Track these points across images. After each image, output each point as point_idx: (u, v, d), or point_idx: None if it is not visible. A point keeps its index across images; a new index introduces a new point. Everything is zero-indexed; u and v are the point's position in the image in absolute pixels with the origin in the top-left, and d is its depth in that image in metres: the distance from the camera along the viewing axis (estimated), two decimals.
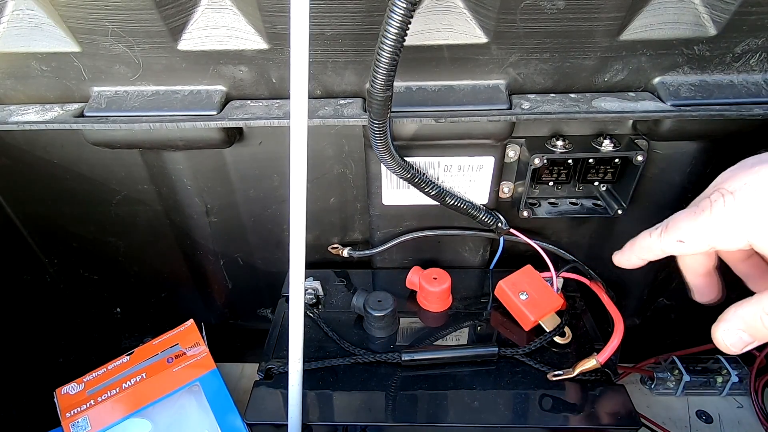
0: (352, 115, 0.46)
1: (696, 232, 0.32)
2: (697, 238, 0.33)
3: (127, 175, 0.58)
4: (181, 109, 0.48)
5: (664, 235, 0.35)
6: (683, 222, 0.33)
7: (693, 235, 0.33)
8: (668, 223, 0.35)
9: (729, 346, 0.33)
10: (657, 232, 0.35)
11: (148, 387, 0.59)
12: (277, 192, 0.59)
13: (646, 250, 0.37)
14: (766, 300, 0.31)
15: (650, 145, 0.52)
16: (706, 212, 0.32)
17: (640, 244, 0.37)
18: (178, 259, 0.68)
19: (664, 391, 0.68)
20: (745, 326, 0.32)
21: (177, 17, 0.43)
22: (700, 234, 0.32)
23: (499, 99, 0.46)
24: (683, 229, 0.33)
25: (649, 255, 0.37)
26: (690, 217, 0.33)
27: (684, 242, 0.33)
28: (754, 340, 0.32)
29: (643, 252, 0.37)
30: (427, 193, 0.52)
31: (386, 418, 0.47)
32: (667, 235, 0.34)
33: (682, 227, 0.33)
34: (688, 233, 0.33)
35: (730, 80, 0.46)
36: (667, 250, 0.35)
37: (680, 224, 0.33)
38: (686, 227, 0.33)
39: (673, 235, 0.34)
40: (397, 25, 0.34)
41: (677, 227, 0.34)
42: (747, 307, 0.31)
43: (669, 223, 0.35)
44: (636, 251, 0.38)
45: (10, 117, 0.48)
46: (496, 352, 0.51)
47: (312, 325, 0.56)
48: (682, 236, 0.33)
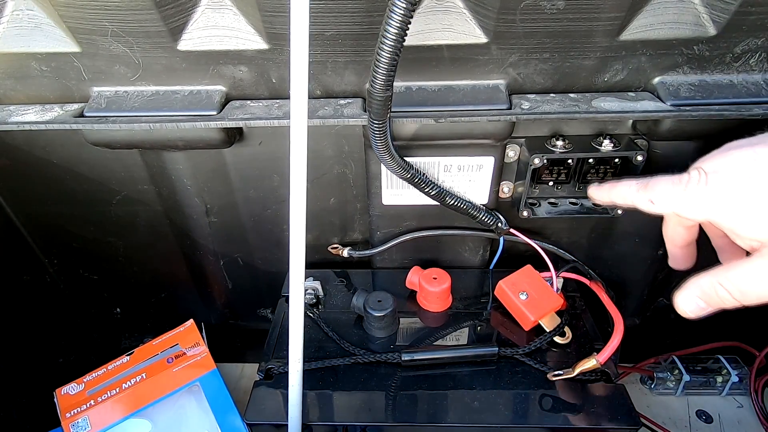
0: (351, 115, 0.46)
1: (667, 198, 0.36)
2: (665, 202, 0.37)
3: (127, 176, 0.58)
4: (181, 110, 0.48)
5: (641, 191, 0.38)
6: (660, 185, 0.37)
7: (663, 199, 0.37)
8: (649, 183, 0.38)
9: (686, 310, 0.37)
10: (636, 186, 0.39)
11: (148, 387, 0.59)
12: (277, 192, 0.59)
13: (621, 197, 0.41)
14: (721, 272, 0.35)
15: (650, 145, 0.52)
16: (682, 184, 0.36)
17: (619, 189, 0.41)
18: (178, 259, 0.68)
19: (664, 391, 0.68)
20: (702, 294, 0.36)
21: (177, 17, 0.43)
22: (669, 200, 0.36)
23: (499, 99, 0.46)
24: (658, 192, 0.37)
25: (620, 201, 0.41)
26: (667, 185, 0.37)
27: (654, 203, 0.37)
28: (708, 307, 0.36)
29: (617, 197, 0.41)
30: (427, 193, 0.52)
31: (386, 418, 0.47)
32: (645, 192, 0.38)
33: (657, 190, 0.37)
34: (661, 196, 0.37)
35: (730, 80, 0.46)
36: (637, 204, 0.39)
37: (657, 187, 0.37)
38: (661, 191, 0.37)
39: (649, 194, 0.38)
40: (396, 25, 0.34)
41: (654, 189, 0.37)
42: (705, 278, 0.36)
43: (650, 182, 0.38)
44: (613, 193, 0.42)
45: (10, 117, 0.48)
46: (496, 352, 0.51)
47: (312, 325, 0.56)
48: (654, 197, 0.37)
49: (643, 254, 0.63)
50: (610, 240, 0.62)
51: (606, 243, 0.63)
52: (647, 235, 0.60)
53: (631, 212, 0.54)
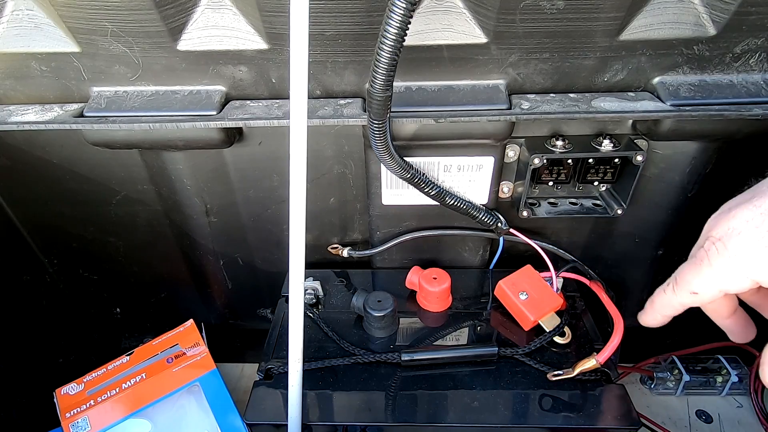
0: (351, 115, 0.46)
1: (704, 282, 0.34)
2: (706, 287, 0.34)
3: (127, 176, 0.58)
4: (181, 110, 0.48)
5: (677, 290, 0.36)
6: (688, 275, 0.35)
7: (703, 286, 0.34)
8: (676, 278, 0.36)
9: None
10: (669, 288, 0.37)
11: (148, 387, 0.59)
12: (277, 192, 0.59)
13: (668, 307, 0.38)
14: None
15: (650, 145, 0.52)
16: (705, 262, 0.34)
17: (659, 302, 0.39)
18: (178, 260, 0.68)
19: (664, 390, 0.68)
20: None
21: (176, 17, 0.43)
22: (708, 283, 0.34)
23: (499, 99, 0.46)
24: (691, 282, 0.35)
25: (671, 311, 0.38)
26: (693, 269, 0.35)
27: (698, 293, 0.35)
28: None
29: (665, 309, 0.39)
30: (426, 193, 0.52)
31: (386, 418, 0.47)
32: (680, 289, 0.36)
33: (689, 280, 0.35)
34: (698, 285, 0.35)
35: (730, 80, 0.46)
36: (685, 303, 0.36)
37: (686, 277, 0.35)
38: (693, 279, 0.35)
39: (685, 288, 0.35)
40: (396, 25, 0.34)
41: (685, 281, 0.35)
42: None
43: (677, 277, 0.36)
44: (658, 310, 0.39)
45: (10, 117, 0.48)
46: (495, 352, 0.51)
47: (312, 325, 0.56)
48: (693, 288, 0.35)
49: (643, 254, 0.63)
50: (610, 240, 0.62)
51: (606, 243, 0.63)
52: (647, 235, 0.61)
53: (630, 212, 0.55)
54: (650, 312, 0.40)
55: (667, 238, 0.60)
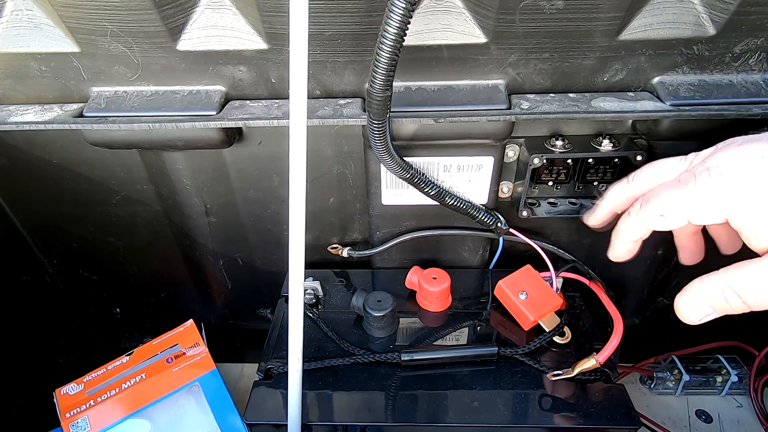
0: (351, 115, 0.46)
1: (677, 205, 0.32)
2: (678, 210, 0.33)
3: (127, 176, 0.58)
4: (181, 110, 0.48)
5: (644, 207, 0.34)
6: (664, 194, 0.33)
7: (674, 208, 0.33)
8: (648, 196, 0.34)
9: (689, 316, 0.33)
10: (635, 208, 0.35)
11: (148, 387, 0.59)
12: (277, 192, 0.59)
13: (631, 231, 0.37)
14: (732, 274, 0.31)
15: (649, 144, 0.52)
16: (689, 185, 0.32)
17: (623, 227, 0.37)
18: (178, 260, 0.68)
19: (664, 390, 0.68)
20: (708, 298, 0.32)
21: (176, 17, 0.43)
22: (681, 206, 0.32)
23: (499, 99, 0.46)
24: (664, 202, 0.33)
25: (636, 235, 0.37)
26: (672, 190, 0.33)
27: (665, 216, 0.33)
28: (713, 312, 0.32)
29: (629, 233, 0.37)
30: (426, 193, 0.52)
31: (386, 418, 0.47)
32: (648, 208, 0.34)
33: (662, 200, 0.33)
34: (670, 206, 0.33)
35: (729, 80, 0.46)
36: (647, 224, 0.35)
37: (660, 196, 0.33)
38: (667, 199, 0.33)
39: (654, 208, 0.34)
40: (396, 25, 0.34)
41: (658, 200, 0.33)
42: (711, 279, 0.32)
43: (649, 196, 0.34)
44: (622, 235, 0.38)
45: (10, 117, 0.48)
46: (495, 352, 0.51)
47: (312, 325, 0.56)
48: (663, 209, 0.33)
49: (643, 254, 0.62)
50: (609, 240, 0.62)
51: (606, 243, 0.62)
52: None
53: None
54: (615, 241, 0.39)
55: (666, 237, 0.60)
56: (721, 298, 0.31)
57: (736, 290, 0.30)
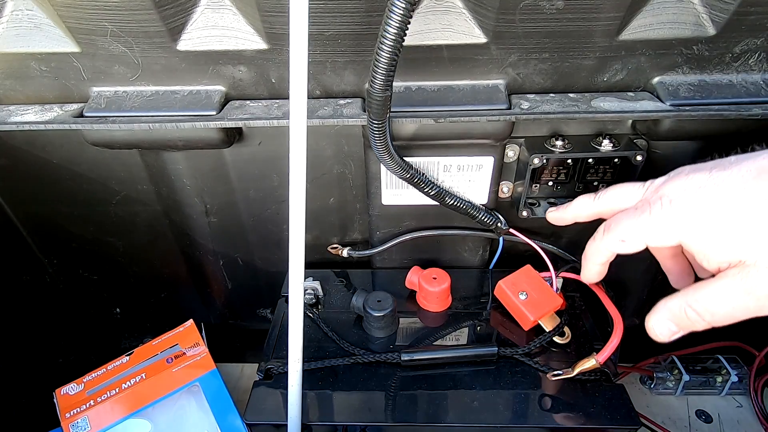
0: (351, 115, 0.46)
1: (635, 232, 0.36)
2: (636, 236, 0.36)
3: (127, 175, 0.58)
4: (181, 110, 0.48)
5: (606, 234, 0.38)
6: (624, 221, 0.37)
7: (633, 234, 0.36)
8: (610, 224, 0.38)
9: (658, 334, 0.36)
10: (599, 234, 0.39)
11: (148, 387, 0.59)
12: (277, 192, 0.59)
13: (597, 254, 0.40)
14: (690, 294, 0.34)
15: (649, 144, 0.52)
16: (645, 213, 0.35)
17: (590, 250, 0.41)
18: (178, 259, 0.68)
19: (664, 390, 0.68)
20: (672, 317, 0.35)
21: (176, 17, 0.43)
22: (638, 233, 0.36)
23: (499, 99, 0.46)
24: (624, 229, 0.37)
25: (601, 258, 0.40)
26: (630, 218, 0.36)
27: (625, 241, 0.37)
28: (679, 330, 0.35)
29: (595, 257, 0.41)
30: (426, 193, 0.52)
31: (386, 418, 0.47)
32: (610, 234, 0.38)
33: (623, 227, 0.37)
34: (629, 233, 0.36)
35: (729, 80, 0.46)
36: (611, 248, 0.38)
37: (621, 224, 0.37)
38: (627, 227, 0.36)
39: (615, 235, 0.37)
40: (396, 25, 0.34)
41: (619, 227, 0.37)
42: (674, 300, 0.35)
43: (611, 223, 0.38)
44: (590, 258, 0.41)
45: (10, 117, 0.48)
46: (495, 352, 0.51)
47: (312, 325, 0.56)
48: (623, 236, 0.37)
49: (643, 255, 0.62)
50: None
51: None
52: None
53: None
54: (585, 264, 0.42)
55: None
56: (683, 317, 0.34)
57: (696, 309, 0.33)
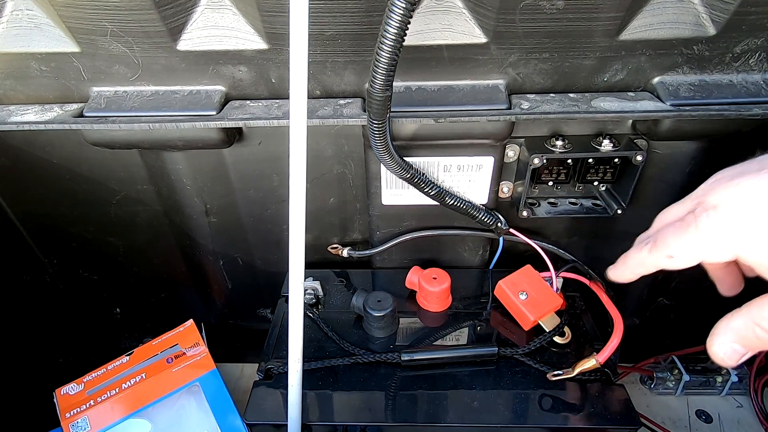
0: (351, 115, 0.46)
1: (684, 248, 0.33)
2: (685, 253, 0.33)
3: (127, 175, 0.58)
4: (181, 110, 0.48)
5: (653, 251, 0.35)
6: (670, 238, 0.33)
7: (681, 251, 0.33)
8: (657, 239, 0.35)
9: (725, 359, 0.33)
10: (647, 248, 0.36)
11: (148, 387, 0.59)
12: (277, 192, 0.59)
13: (639, 266, 0.37)
14: (754, 311, 0.31)
15: (650, 144, 0.52)
16: (692, 227, 0.32)
17: (632, 259, 0.38)
18: (178, 259, 0.68)
19: (664, 390, 0.68)
20: (738, 338, 0.32)
21: (176, 17, 0.43)
22: (688, 249, 0.32)
23: (499, 99, 0.46)
24: (671, 246, 0.33)
25: (641, 270, 0.37)
26: (677, 233, 0.33)
27: (674, 257, 0.33)
28: (747, 351, 0.32)
29: (636, 267, 0.38)
30: (426, 193, 0.52)
31: (386, 418, 0.47)
32: (657, 251, 0.34)
33: (669, 243, 0.33)
34: (677, 249, 0.33)
35: (730, 80, 0.46)
36: (658, 265, 0.35)
37: (668, 240, 0.34)
38: (674, 243, 0.33)
39: (662, 251, 0.34)
40: (396, 25, 0.34)
41: (665, 243, 0.34)
42: (738, 319, 0.31)
43: (657, 238, 0.35)
44: (629, 267, 0.38)
45: (10, 117, 0.48)
46: (495, 352, 0.51)
47: (312, 325, 0.56)
48: (671, 252, 0.33)
49: None
50: (610, 240, 0.62)
51: (606, 243, 0.62)
52: None
53: (630, 212, 0.55)
54: (621, 267, 0.39)
55: None
56: (752, 337, 0.31)
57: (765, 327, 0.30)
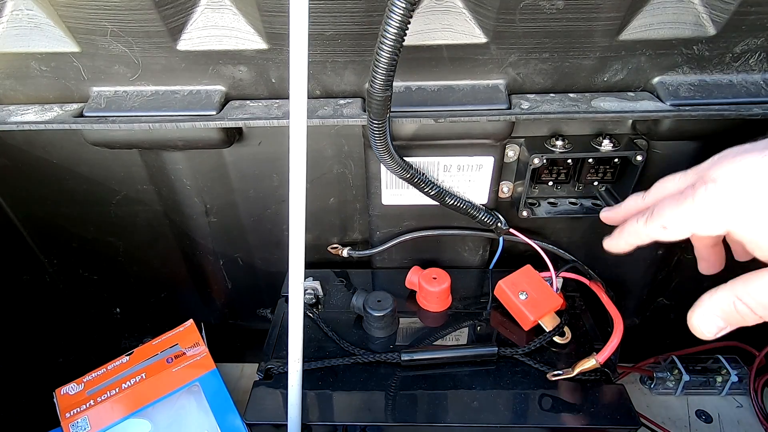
0: (351, 115, 0.46)
1: (679, 219, 0.33)
2: (679, 224, 0.33)
3: (127, 175, 0.58)
4: (181, 109, 0.48)
5: (649, 221, 0.35)
6: (667, 209, 0.34)
7: (676, 222, 0.33)
8: (653, 210, 0.35)
9: (704, 332, 0.33)
10: (643, 219, 0.36)
11: (148, 387, 0.59)
12: (277, 192, 0.59)
13: (634, 236, 0.38)
14: (738, 286, 0.31)
15: (649, 144, 0.52)
16: (689, 199, 0.32)
17: (628, 229, 0.38)
18: (178, 259, 0.68)
19: (664, 390, 0.68)
20: (720, 312, 0.32)
21: (176, 17, 0.43)
22: (682, 220, 0.33)
23: (499, 99, 0.46)
24: (667, 216, 0.34)
25: (636, 240, 0.38)
26: (674, 204, 0.33)
27: (667, 228, 0.34)
28: (727, 326, 0.32)
29: (630, 237, 0.38)
30: (426, 193, 0.52)
31: (386, 418, 0.47)
32: (652, 221, 0.35)
33: (665, 214, 0.34)
34: (672, 220, 0.34)
35: (730, 80, 0.46)
36: (652, 235, 0.36)
37: (664, 211, 0.34)
38: (670, 214, 0.34)
39: (658, 221, 0.35)
40: (396, 25, 0.34)
41: (661, 214, 0.34)
42: (721, 293, 0.32)
43: (654, 209, 0.35)
44: (624, 237, 0.39)
45: (10, 117, 0.48)
46: (495, 352, 0.51)
47: (312, 325, 0.56)
48: (665, 222, 0.34)
49: (643, 254, 0.63)
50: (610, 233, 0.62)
51: None
52: None
53: None
54: (617, 237, 0.40)
55: None
56: (732, 311, 0.31)
57: (746, 302, 0.30)
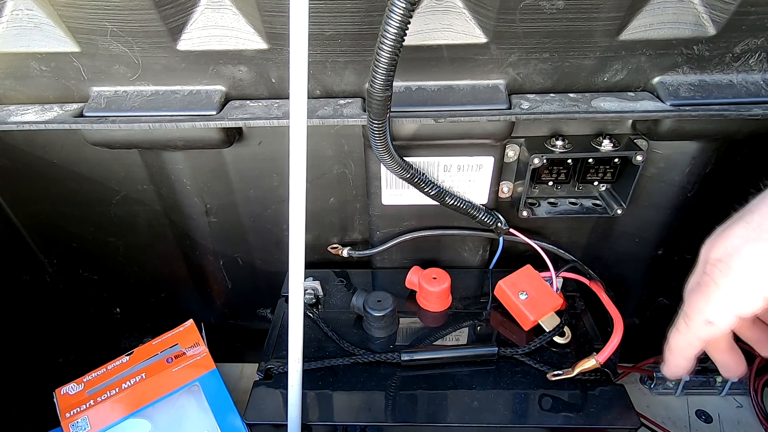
0: (351, 115, 0.46)
1: (717, 308, 0.32)
2: (721, 313, 0.32)
3: (127, 176, 0.58)
4: (181, 109, 0.48)
5: (690, 324, 0.34)
6: (699, 304, 0.33)
7: (717, 312, 0.33)
8: (687, 311, 0.34)
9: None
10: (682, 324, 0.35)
11: (148, 387, 0.59)
12: (277, 192, 0.59)
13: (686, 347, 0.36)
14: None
15: (650, 145, 0.52)
16: (712, 286, 0.32)
17: (676, 343, 0.37)
18: (178, 259, 0.68)
19: (664, 390, 0.68)
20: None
21: (176, 17, 0.43)
22: (721, 308, 0.32)
23: (499, 99, 0.46)
24: (704, 311, 0.33)
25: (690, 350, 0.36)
26: (703, 297, 0.33)
27: (713, 322, 0.33)
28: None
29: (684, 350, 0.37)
30: (426, 193, 0.52)
31: (386, 418, 0.47)
32: (693, 322, 0.34)
33: (701, 309, 0.33)
34: (711, 312, 0.33)
35: (730, 80, 0.46)
36: (702, 336, 0.34)
37: (698, 306, 0.33)
38: (705, 307, 0.33)
39: (699, 318, 0.34)
40: (396, 25, 0.34)
41: (697, 310, 0.34)
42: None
43: (687, 310, 0.34)
44: (677, 352, 0.37)
45: (10, 117, 0.48)
46: (495, 352, 0.51)
47: (312, 325, 0.56)
48: (707, 317, 0.33)
49: (643, 254, 0.63)
50: (609, 240, 0.62)
51: (606, 243, 0.63)
52: (647, 235, 0.60)
53: (630, 212, 0.55)
54: (670, 359, 0.38)
55: (667, 238, 0.60)
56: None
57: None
